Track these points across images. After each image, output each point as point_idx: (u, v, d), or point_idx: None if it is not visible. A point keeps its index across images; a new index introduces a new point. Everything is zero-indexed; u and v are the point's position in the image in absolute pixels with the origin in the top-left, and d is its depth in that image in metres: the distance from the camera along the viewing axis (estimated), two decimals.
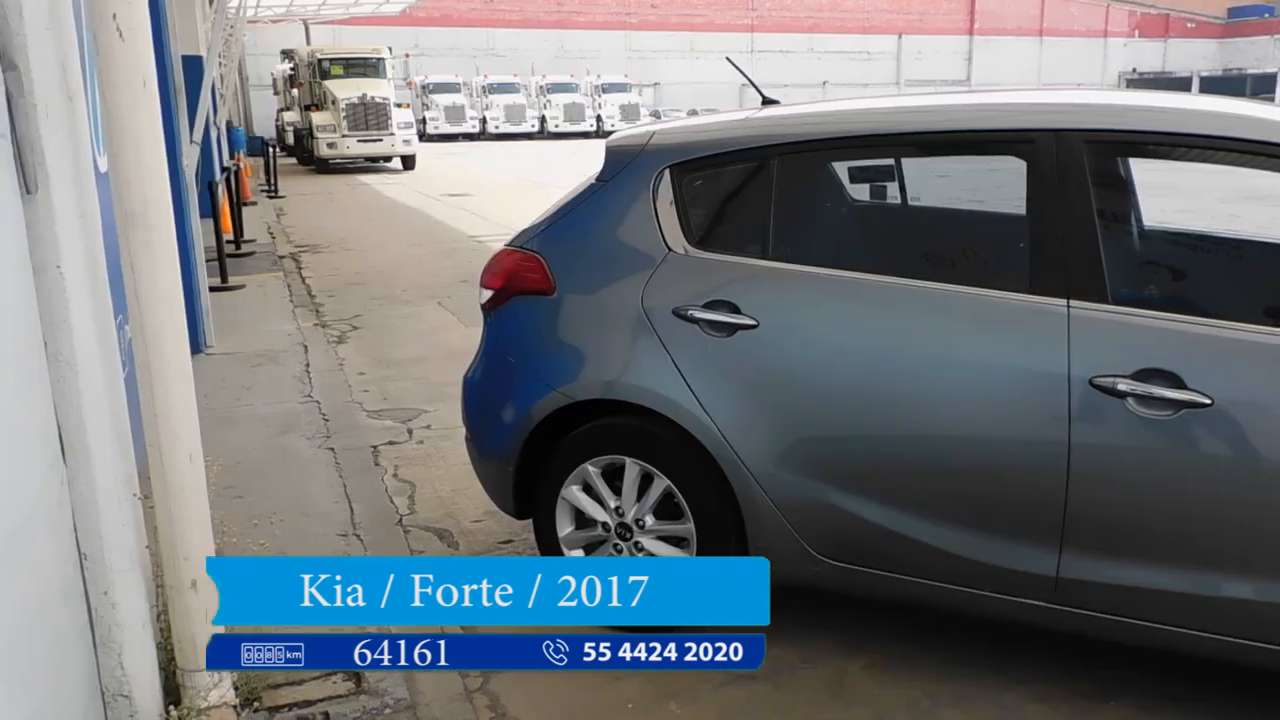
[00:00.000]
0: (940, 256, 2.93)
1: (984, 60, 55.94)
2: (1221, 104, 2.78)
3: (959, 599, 2.60)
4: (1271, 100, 53.82)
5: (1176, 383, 2.26)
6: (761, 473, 2.65)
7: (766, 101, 3.24)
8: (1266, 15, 61.20)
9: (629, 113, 37.34)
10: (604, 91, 40.40)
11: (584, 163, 5.85)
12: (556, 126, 37.67)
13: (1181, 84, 57.16)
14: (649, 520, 2.84)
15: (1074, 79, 54.76)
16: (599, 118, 38.15)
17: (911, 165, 3.26)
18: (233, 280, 8.73)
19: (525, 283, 2.97)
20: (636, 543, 2.87)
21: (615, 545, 2.91)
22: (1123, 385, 2.29)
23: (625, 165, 2.93)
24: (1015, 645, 2.84)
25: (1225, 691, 2.63)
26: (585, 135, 35.56)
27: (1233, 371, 2.27)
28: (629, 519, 2.86)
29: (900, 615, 2.98)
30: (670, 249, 2.80)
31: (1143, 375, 2.28)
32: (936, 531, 2.53)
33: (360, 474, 4.25)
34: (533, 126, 38.60)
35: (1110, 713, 2.58)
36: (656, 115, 35.01)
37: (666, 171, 2.86)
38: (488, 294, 3.08)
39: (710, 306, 2.69)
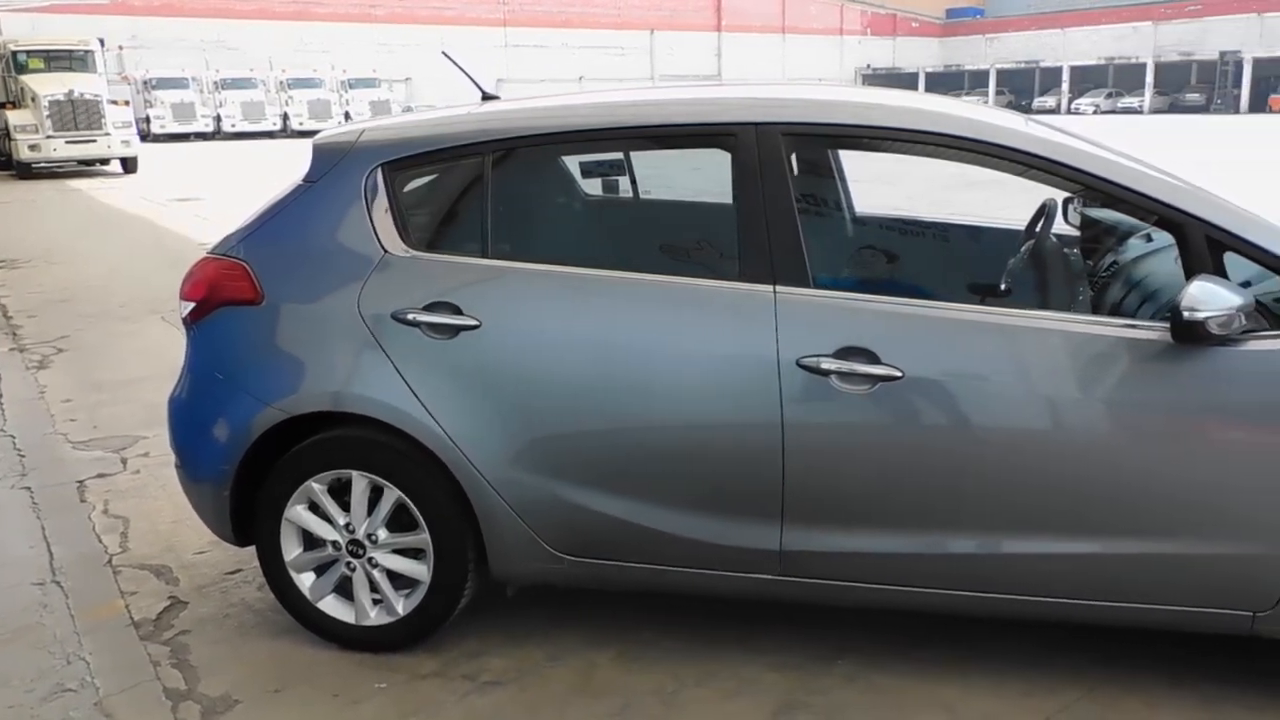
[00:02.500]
0: (660, 248, 3.04)
1: (733, 56, 58.67)
2: (913, 100, 3.03)
3: (696, 581, 2.71)
4: (985, 93, 59.10)
5: (873, 359, 2.45)
6: (495, 476, 2.65)
7: (486, 97, 3.24)
8: (978, 16, 67.90)
9: (380, 108, 36.33)
10: (351, 87, 39.13)
11: None
12: (301, 124, 36.07)
13: (910, 79, 62.46)
14: (382, 534, 2.78)
15: (815, 74, 58.49)
16: (347, 114, 36.89)
17: (663, 159, 3.34)
18: None
19: (229, 292, 2.82)
20: (370, 559, 2.80)
21: (348, 564, 2.82)
22: (826, 364, 2.46)
23: (334, 164, 2.84)
24: (757, 619, 3.00)
25: (941, 640, 2.89)
26: None
27: (919, 346, 2.48)
28: (360, 535, 2.78)
29: (647, 602, 3.07)
30: (386, 251, 2.74)
31: (843, 353, 2.46)
32: (668, 518, 2.63)
33: (62, 513, 3.88)
34: (274, 124, 36.79)
35: (838, 671, 2.78)
36: (409, 111, 34.20)
37: (379, 170, 2.80)
38: (189, 306, 2.89)
39: (431, 309, 2.66)
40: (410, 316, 2.66)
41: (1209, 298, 2.27)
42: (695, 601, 3.05)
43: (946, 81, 62.72)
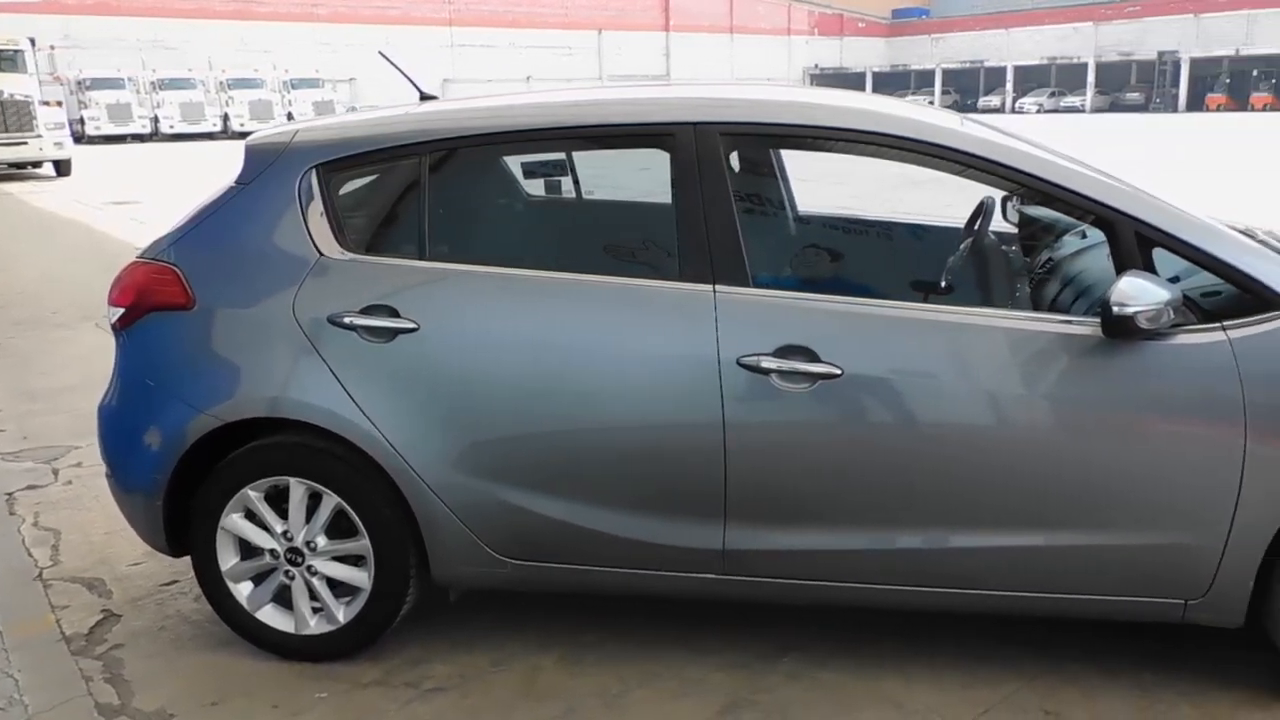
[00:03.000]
0: (602, 249, 3.05)
1: (681, 56, 58.86)
2: (853, 99, 3.06)
3: (640, 582, 2.72)
4: (932, 93, 59.81)
5: (812, 357, 2.48)
6: (435, 480, 2.63)
7: (424, 97, 3.22)
8: (923, 16, 68.83)
9: (323, 109, 35.89)
10: (293, 87, 38.60)
11: None
12: (242, 125, 35.49)
13: (858, 79, 63.16)
14: (321, 541, 2.75)
15: (764, 74, 58.89)
16: (290, 115, 36.37)
17: (612, 159, 3.34)
18: None
19: (159, 297, 2.76)
20: (310, 567, 2.77)
21: (286, 572, 2.78)
22: (766, 363, 2.48)
23: (267, 166, 2.80)
24: (702, 619, 3.01)
25: (885, 634, 2.93)
26: None
27: (859, 344, 2.51)
28: (299, 542, 2.75)
29: (592, 605, 3.08)
30: (322, 254, 2.71)
31: (783, 352, 2.49)
32: (611, 519, 2.63)
33: None
34: (214, 125, 36.18)
35: (783, 668, 2.80)
36: (353, 111, 33.84)
37: (313, 171, 2.76)
38: (118, 312, 2.84)
39: (368, 312, 2.64)
40: (347, 320, 2.63)
41: (1138, 293, 2.33)
42: (640, 603, 3.06)
43: (893, 81, 63.55)
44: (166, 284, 2.76)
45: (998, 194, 3.27)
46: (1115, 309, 2.33)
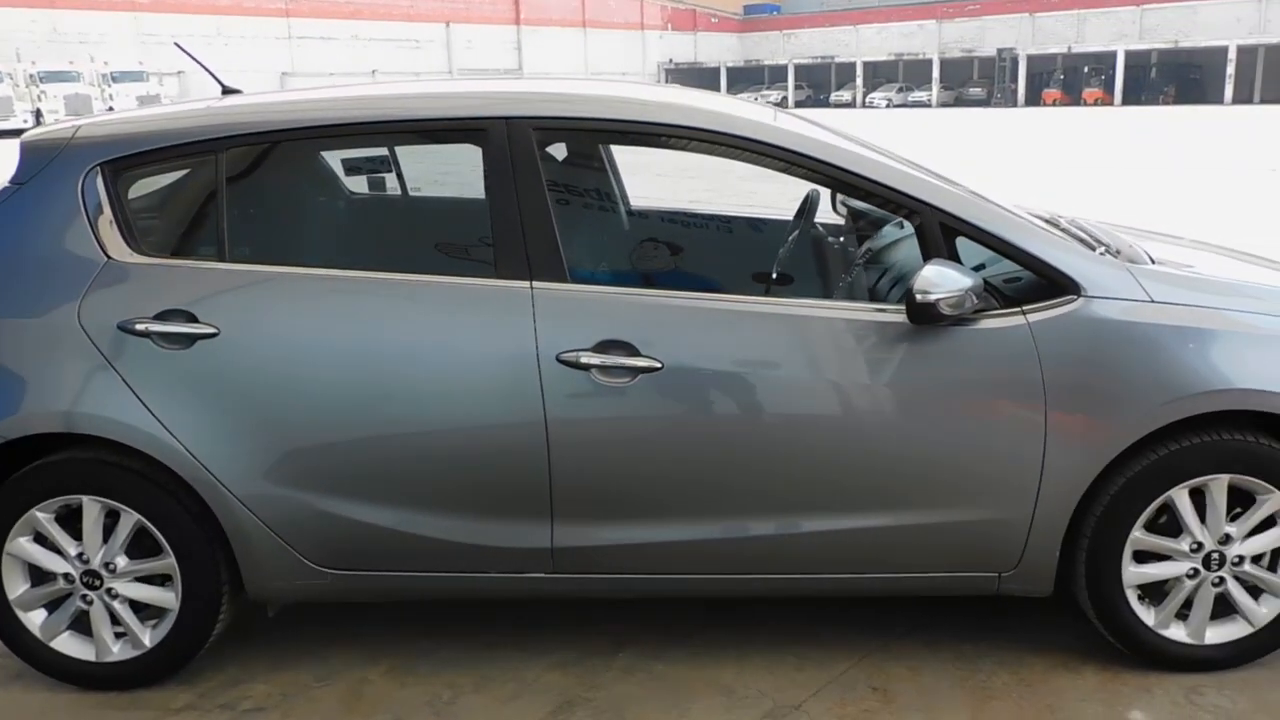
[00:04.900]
0: (421, 247, 3.02)
1: (533, 50, 58.65)
2: (670, 95, 3.12)
3: (469, 585, 2.71)
4: (785, 88, 61.31)
5: (632, 351, 2.52)
6: (245, 491, 2.56)
7: (226, 91, 3.12)
8: (774, 13, 70.71)
9: (148, 105, 34.17)
10: (114, 80, 36.61)
11: None
12: (57, 121, 33.44)
13: (712, 74, 64.36)
14: (121, 562, 2.63)
15: (619, 68, 59.34)
16: (111, 110, 34.51)
17: (456, 154, 3.29)
18: None
19: None
20: (110, 590, 2.65)
21: (84, 597, 2.65)
22: (585, 358, 2.51)
23: (46, 164, 2.65)
24: (537, 620, 3.03)
25: (720, 623, 3.01)
26: None
27: (678, 337, 2.57)
28: (96, 565, 2.62)
29: (424, 612, 3.05)
30: (110, 257, 2.60)
31: (602, 347, 2.52)
32: (434, 523, 2.62)
33: None
34: (25, 122, 33.92)
35: (618, 664, 2.85)
36: None
37: (98, 170, 2.64)
38: None
39: (163, 317, 2.54)
40: (140, 327, 2.53)
41: (940, 280, 2.46)
42: (474, 607, 3.06)
43: (748, 76, 65.05)
44: None
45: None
46: (919, 296, 2.46)
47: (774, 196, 4.19)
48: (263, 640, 2.94)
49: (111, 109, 34.45)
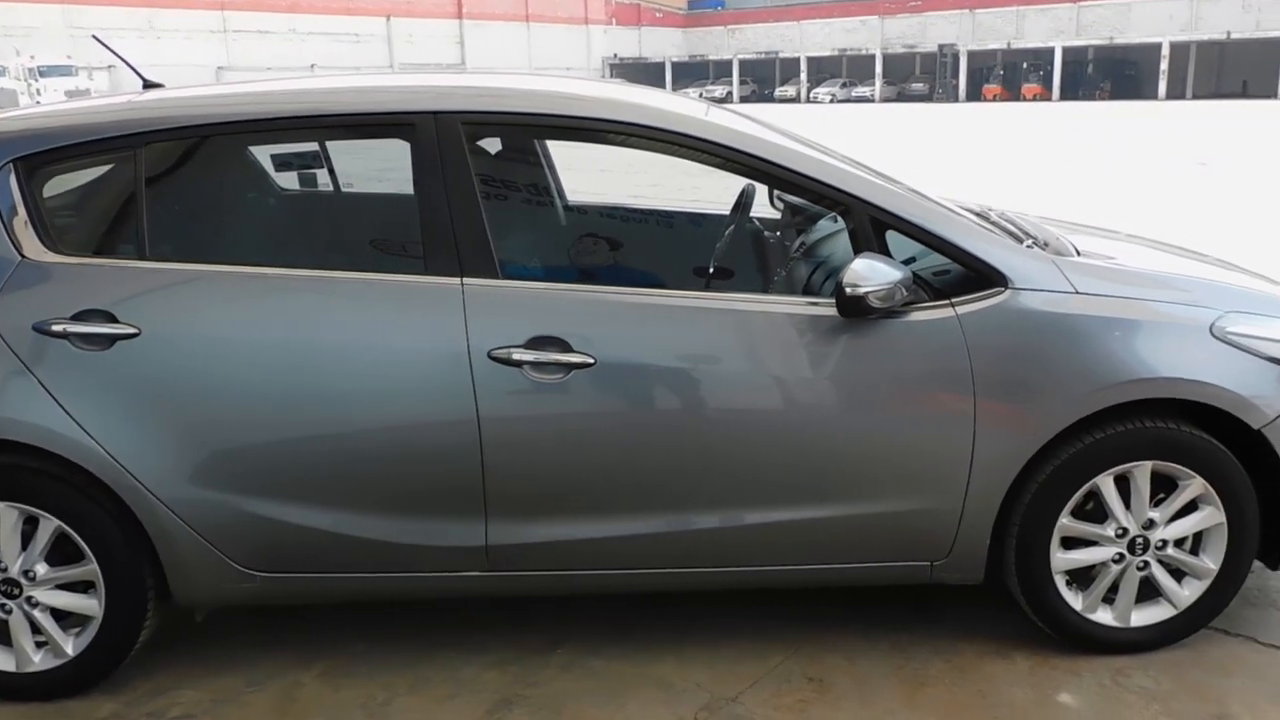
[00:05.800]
0: (344, 244, 2.99)
1: (476, 44, 58.24)
2: (603, 90, 3.12)
3: (404, 585, 2.70)
4: (730, 83, 61.58)
5: (565, 347, 2.52)
6: (169, 495, 2.51)
7: (148, 85, 3.06)
8: (719, 8, 70.99)
9: (78, 99, 33.32)
10: (41, 75, 35.69)
11: None
12: None
13: (657, 69, 64.48)
14: (41, 569, 2.57)
15: (563, 63, 59.18)
16: (38, 105, 33.64)
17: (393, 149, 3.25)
18: None
19: None
20: (29, 598, 2.58)
21: (2, 605, 2.59)
22: (517, 355, 2.50)
23: None
24: (475, 619, 3.02)
25: (658, 617, 3.02)
26: None
27: (610, 332, 2.57)
28: (14, 573, 2.56)
29: (359, 614, 3.03)
30: (24, 256, 2.53)
31: (535, 343, 2.52)
32: (367, 523, 2.59)
33: None
34: None
35: (556, 660, 2.85)
36: None
37: (11, 166, 2.57)
38: None
39: (80, 318, 2.48)
40: (56, 328, 2.47)
41: (870, 273, 2.50)
42: (412, 607, 3.04)
43: (692, 71, 65.28)
44: None
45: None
46: (848, 290, 2.50)
47: (719, 191, 4.22)
48: (192, 646, 2.89)
49: (38, 104, 33.59)
